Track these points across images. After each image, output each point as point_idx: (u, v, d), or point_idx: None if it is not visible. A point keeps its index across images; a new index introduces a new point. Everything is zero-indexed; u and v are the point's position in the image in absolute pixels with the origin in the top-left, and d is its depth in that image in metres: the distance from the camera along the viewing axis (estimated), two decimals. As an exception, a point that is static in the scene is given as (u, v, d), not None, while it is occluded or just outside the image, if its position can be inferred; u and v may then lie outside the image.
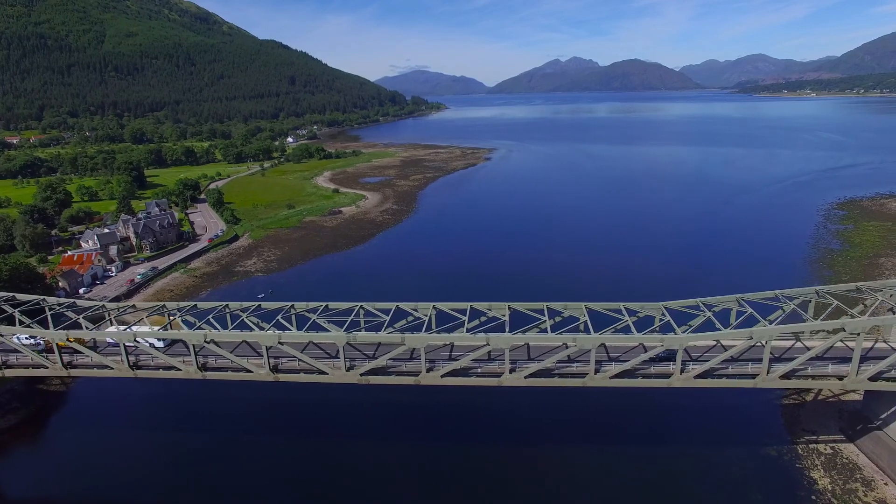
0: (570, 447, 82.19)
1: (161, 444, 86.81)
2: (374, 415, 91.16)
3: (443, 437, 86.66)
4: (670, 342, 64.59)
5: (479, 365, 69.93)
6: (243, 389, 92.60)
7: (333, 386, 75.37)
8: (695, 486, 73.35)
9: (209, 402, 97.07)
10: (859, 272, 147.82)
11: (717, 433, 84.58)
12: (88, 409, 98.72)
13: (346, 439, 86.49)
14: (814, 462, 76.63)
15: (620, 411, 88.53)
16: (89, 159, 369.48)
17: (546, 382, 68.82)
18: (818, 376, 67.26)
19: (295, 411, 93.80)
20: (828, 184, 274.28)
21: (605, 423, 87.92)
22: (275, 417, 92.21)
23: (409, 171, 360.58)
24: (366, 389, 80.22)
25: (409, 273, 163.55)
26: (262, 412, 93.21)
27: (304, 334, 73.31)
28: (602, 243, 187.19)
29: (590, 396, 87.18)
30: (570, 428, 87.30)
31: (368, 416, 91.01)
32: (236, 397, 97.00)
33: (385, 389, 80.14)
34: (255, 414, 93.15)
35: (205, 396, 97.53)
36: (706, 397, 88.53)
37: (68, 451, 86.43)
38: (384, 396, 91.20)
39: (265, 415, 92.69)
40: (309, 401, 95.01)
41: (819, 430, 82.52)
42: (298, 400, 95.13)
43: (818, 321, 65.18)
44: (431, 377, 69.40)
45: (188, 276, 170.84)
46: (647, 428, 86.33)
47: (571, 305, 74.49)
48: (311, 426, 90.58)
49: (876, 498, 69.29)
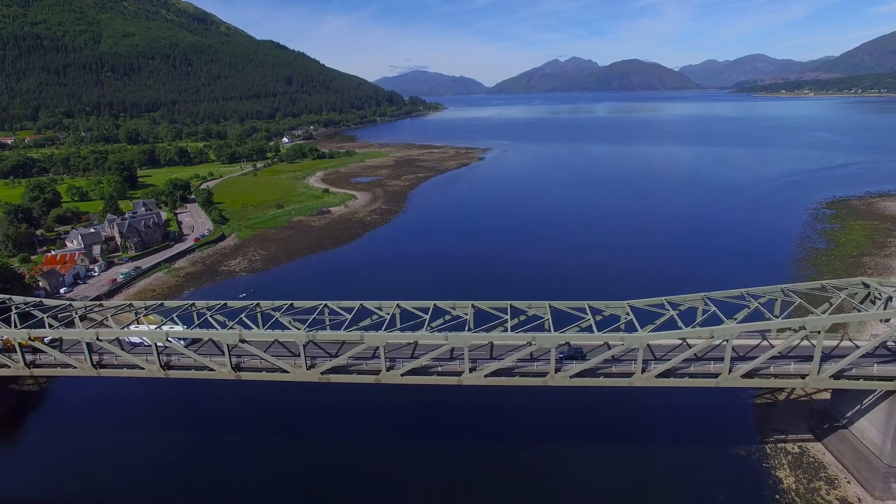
0: (543, 446, 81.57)
1: (137, 443, 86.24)
2: (356, 413, 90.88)
3: (429, 436, 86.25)
4: (630, 341, 64.06)
5: (439, 364, 69.40)
6: (211, 388, 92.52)
7: (295, 385, 74.96)
8: (662, 486, 72.84)
9: (180, 401, 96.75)
10: (843, 271, 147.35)
11: (690, 433, 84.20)
12: (62, 408, 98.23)
13: (312, 437, 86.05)
14: (780, 461, 76.18)
15: (596, 411, 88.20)
16: (81, 159, 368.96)
17: (507, 382, 68.30)
18: (781, 375, 66.73)
19: (258, 409, 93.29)
20: (819, 183, 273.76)
21: (579, 423, 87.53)
22: (243, 415, 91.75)
23: (402, 171, 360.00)
24: (348, 389, 79.83)
25: (388, 272, 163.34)
26: (229, 410, 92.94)
27: (265, 332, 72.87)
28: (586, 242, 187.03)
29: (565, 396, 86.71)
30: (543, 427, 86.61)
31: (353, 415, 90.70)
32: (209, 396, 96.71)
33: (370, 390, 79.74)
34: (222, 412, 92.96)
35: (177, 395, 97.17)
36: (682, 397, 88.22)
37: (39, 450, 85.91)
38: (357, 396, 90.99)
39: (232, 412, 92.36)
40: (276, 398, 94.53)
41: (788, 430, 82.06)
42: (264, 397, 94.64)
43: (779, 319, 64.72)
44: (392, 376, 68.95)
45: (172, 275, 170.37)
46: (622, 428, 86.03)
47: (535, 304, 74.05)
48: (276, 424, 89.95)
49: (838, 496, 68.82)
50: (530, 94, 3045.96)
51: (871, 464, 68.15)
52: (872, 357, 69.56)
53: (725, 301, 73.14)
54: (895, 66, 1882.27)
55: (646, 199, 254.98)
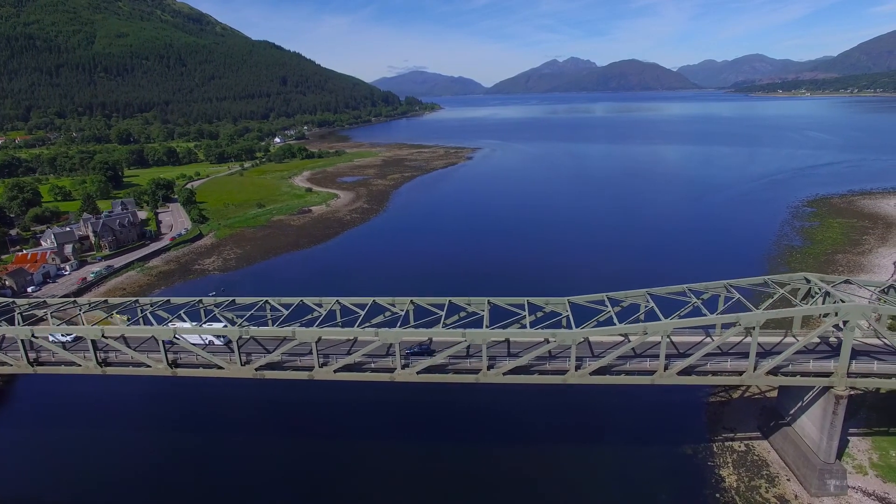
0: (488, 445, 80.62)
1: (102, 442, 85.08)
2: (348, 411, 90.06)
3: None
4: (563, 337, 63.06)
5: (371, 360, 68.48)
6: (170, 386, 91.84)
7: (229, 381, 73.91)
8: (604, 485, 71.97)
9: (121, 398, 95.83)
10: (816, 268, 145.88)
11: (641, 432, 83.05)
12: (24, 407, 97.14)
13: (306, 436, 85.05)
14: (725, 460, 75.22)
15: (551, 409, 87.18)
16: (67, 159, 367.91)
17: (441, 378, 67.36)
18: (719, 372, 65.70)
19: (195, 407, 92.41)
20: (803, 181, 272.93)
21: (530, 421, 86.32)
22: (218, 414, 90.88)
23: (389, 171, 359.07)
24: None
25: (358, 270, 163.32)
26: (163, 407, 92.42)
27: (198, 328, 72.03)
28: (559, 240, 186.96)
29: (519, 395, 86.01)
30: (494, 426, 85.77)
31: (340, 414, 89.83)
32: (177, 395, 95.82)
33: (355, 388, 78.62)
34: (155, 410, 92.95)
35: (181, 395, 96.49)
36: (637, 396, 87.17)
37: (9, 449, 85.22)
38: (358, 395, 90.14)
39: (167, 409, 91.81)
40: (208, 394, 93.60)
41: (738, 428, 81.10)
42: (251, 396, 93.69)
43: (713, 315, 63.66)
44: (324, 372, 67.97)
45: (144, 274, 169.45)
46: (575, 426, 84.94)
47: (475, 300, 73.04)
48: (216, 423, 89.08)
49: (776, 494, 67.88)
50: (528, 94, 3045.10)
51: (809, 461, 67.21)
52: (812, 353, 68.71)
53: (667, 297, 72.15)
54: (892, 65, 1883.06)
55: (627, 197, 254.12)
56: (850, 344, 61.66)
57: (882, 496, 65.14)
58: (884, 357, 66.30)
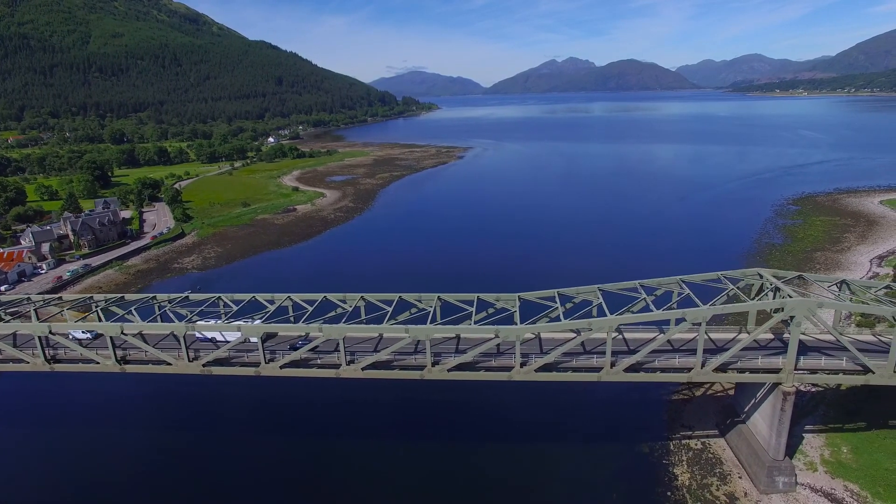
0: (433, 443, 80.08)
1: (74, 441, 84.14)
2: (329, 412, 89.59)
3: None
4: (506, 333, 62.36)
5: (318, 357, 67.88)
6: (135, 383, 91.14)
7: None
8: (557, 484, 71.08)
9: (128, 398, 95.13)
10: (793, 266, 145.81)
11: (600, 430, 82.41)
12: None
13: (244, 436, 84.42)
14: (681, 458, 74.55)
15: (511, 407, 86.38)
16: (56, 159, 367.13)
17: (387, 375, 66.75)
18: (667, 369, 64.94)
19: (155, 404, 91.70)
20: (791, 180, 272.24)
21: (489, 418, 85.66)
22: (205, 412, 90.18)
23: (378, 170, 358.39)
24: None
25: (332, 268, 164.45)
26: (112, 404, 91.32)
27: (144, 325, 71.37)
28: (532, 236, 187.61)
29: (484, 392, 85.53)
30: (444, 424, 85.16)
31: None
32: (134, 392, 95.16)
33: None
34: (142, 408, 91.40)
35: (95, 390, 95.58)
36: (600, 393, 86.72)
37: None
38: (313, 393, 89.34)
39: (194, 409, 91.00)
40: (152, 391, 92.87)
41: (696, 426, 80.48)
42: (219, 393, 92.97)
43: (659, 311, 62.88)
44: (271, 368, 67.25)
45: (122, 272, 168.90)
46: (534, 424, 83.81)
47: (425, 297, 72.47)
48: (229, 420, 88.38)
49: (726, 492, 67.23)
50: (527, 94, 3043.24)
51: (759, 458, 66.59)
52: (764, 349, 68.03)
53: (619, 293, 71.44)
54: (890, 65, 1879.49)
55: (612, 196, 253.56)
56: (797, 339, 60.99)
57: (829, 492, 64.50)
58: (834, 353, 65.57)
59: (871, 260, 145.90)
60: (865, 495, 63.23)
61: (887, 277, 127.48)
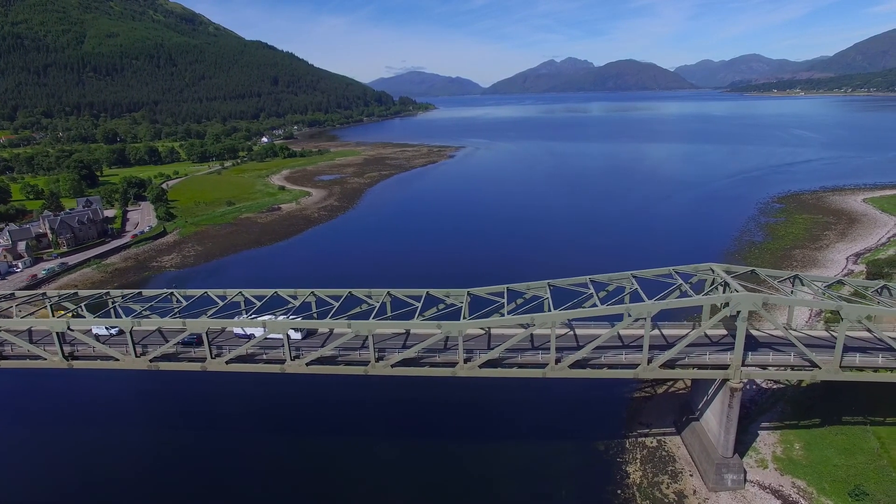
0: (406, 440, 79.18)
1: (76, 441, 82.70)
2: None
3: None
4: (448, 328, 61.52)
5: (264, 352, 67.12)
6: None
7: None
8: (506, 481, 70.24)
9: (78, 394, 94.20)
10: (771, 263, 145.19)
11: (560, 427, 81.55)
12: None
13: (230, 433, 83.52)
14: (635, 456, 73.72)
15: (471, 404, 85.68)
16: (45, 158, 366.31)
17: (331, 370, 66.00)
18: (614, 365, 64.09)
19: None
20: (778, 178, 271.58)
21: (450, 416, 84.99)
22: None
23: (367, 169, 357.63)
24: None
25: (306, 266, 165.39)
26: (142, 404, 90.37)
27: (93, 320, 70.59)
28: (516, 235, 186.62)
29: (444, 388, 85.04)
30: (417, 420, 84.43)
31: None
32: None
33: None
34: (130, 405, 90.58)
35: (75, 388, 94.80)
36: (561, 390, 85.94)
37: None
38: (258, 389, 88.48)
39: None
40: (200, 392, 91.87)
41: (654, 424, 79.66)
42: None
43: (603, 306, 62.09)
44: (217, 363, 66.39)
45: (99, 271, 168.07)
46: (494, 421, 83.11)
47: (375, 292, 71.71)
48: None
49: (676, 490, 66.42)
50: (525, 94, 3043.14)
51: (709, 455, 65.76)
52: (716, 345, 67.20)
53: (570, 288, 70.62)
54: (887, 65, 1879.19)
55: (598, 194, 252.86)
56: (743, 335, 60.21)
57: (776, 489, 63.72)
58: (784, 349, 64.79)
59: (848, 257, 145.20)
60: (811, 491, 62.47)
61: (861, 275, 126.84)
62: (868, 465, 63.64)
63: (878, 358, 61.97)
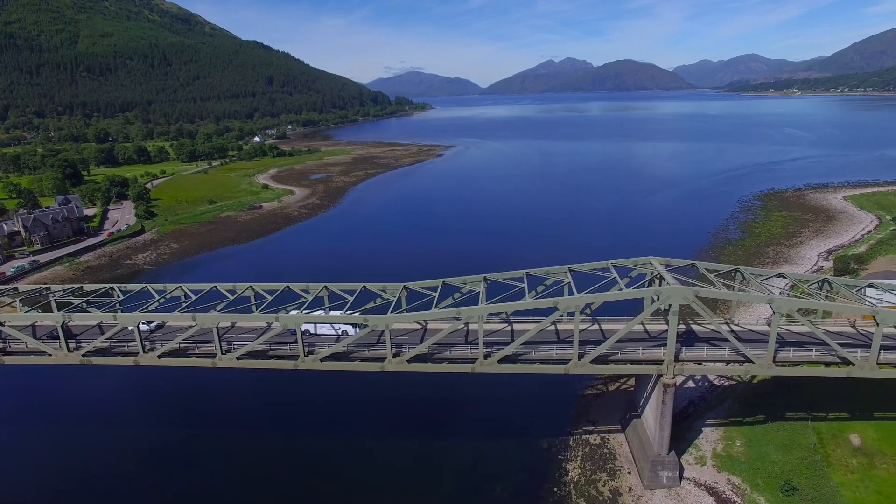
0: (342, 437, 78.03)
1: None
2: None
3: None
4: (375, 322, 60.47)
5: (195, 346, 66.16)
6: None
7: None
8: (442, 479, 69.20)
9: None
10: (744, 260, 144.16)
11: (508, 424, 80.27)
12: None
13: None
14: (577, 453, 72.61)
15: (425, 400, 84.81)
16: (31, 157, 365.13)
17: (261, 364, 64.96)
18: (546, 360, 62.95)
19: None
20: (763, 176, 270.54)
21: (396, 412, 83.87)
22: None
23: (355, 168, 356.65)
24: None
25: (277, 262, 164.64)
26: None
27: (26, 315, 69.68)
28: (492, 233, 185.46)
29: (394, 383, 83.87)
30: (353, 417, 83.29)
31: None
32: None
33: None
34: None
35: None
36: (516, 387, 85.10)
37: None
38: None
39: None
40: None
41: (600, 421, 78.56)
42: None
43: (531, 300, 60.99)
44: (149, 358, 65.28)
45: (71, 269, 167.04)
46: (441, 418, 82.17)
47: (313, 286, 70.73)
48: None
49: (612, 487, 65.36)
50: (523, 94, 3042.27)
51: (646, 452, 64.71)
52: (654, 340, 66.09)
53: (505, 283, 69.56)
54: (884, 65, 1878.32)
55: (580, 192, 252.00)
56: (675, 329, 59.09)
57: (711, 486, 62.66)
58: (721, 343, 63.64)
59: (820, 254, 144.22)
60: (745, 488, 61.41)
61: (829, 271, 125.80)
62: (803, 461, 62.61)
63: (811, 352, 60.92)
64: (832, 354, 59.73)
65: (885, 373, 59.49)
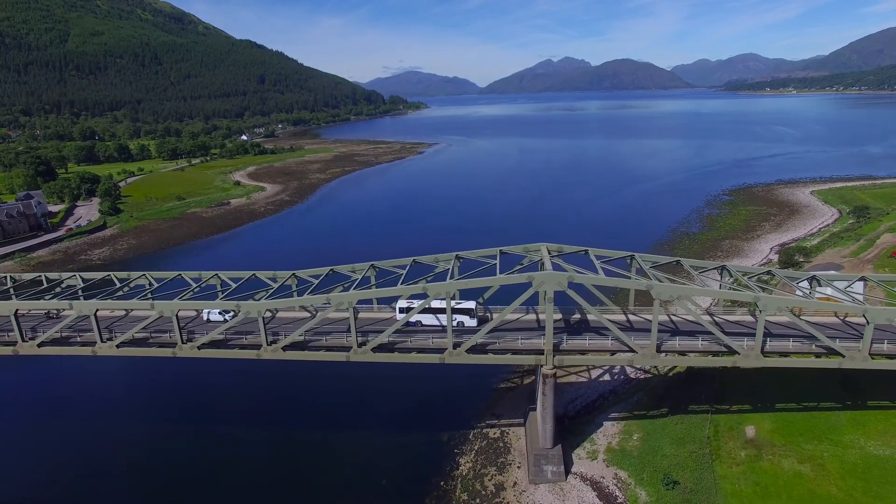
0: (238, 428, 75.80)
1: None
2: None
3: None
4: (248, 308, 58.22)
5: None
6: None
7: None
8: (333, 469, 66.96)
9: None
10: (696, 253, 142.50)
11: (415, 417, 78.11)
12: None
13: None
14: (473, 447, 70.36)
15: (326, 393, 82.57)
16: (7, 154, 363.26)
17: (138, 352, 62.51)
18: (424, 349, 60.67)
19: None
20: (738, 172, 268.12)
21: (295, 403, 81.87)
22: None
23: (333, 166, 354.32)
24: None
25: (243, 256, 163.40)
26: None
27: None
28: (454, 229, 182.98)
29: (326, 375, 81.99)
30: (252, 407, 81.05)
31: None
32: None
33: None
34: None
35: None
36: (430, 380, 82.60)
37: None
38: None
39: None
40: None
41: (505, 415, 76.40)
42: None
43: (400, 286, 58.65)
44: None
45: (22, 264, 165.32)
46: (346, 412, 79.62)
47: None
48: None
49: (497, 482, 63.13)
50: (521, 94, 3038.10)
51: (532, 445, 62.44)
52: (536, 330, 63.80)
53: (393, 270, 67.31)
54: (882, 63, 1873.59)
55: (550, 188, 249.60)
56: (552, 316, 56.74)
57: (597, 481, 60.40)
58: (607, 332, 61.30)
59: (773, 248, 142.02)
60: (630, 482, 59.14)
61: (774, 264, 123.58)
62: (692, 455, 60.27)
63: (697, 342, 58.67)
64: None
65: (875, 364, 56.36)
